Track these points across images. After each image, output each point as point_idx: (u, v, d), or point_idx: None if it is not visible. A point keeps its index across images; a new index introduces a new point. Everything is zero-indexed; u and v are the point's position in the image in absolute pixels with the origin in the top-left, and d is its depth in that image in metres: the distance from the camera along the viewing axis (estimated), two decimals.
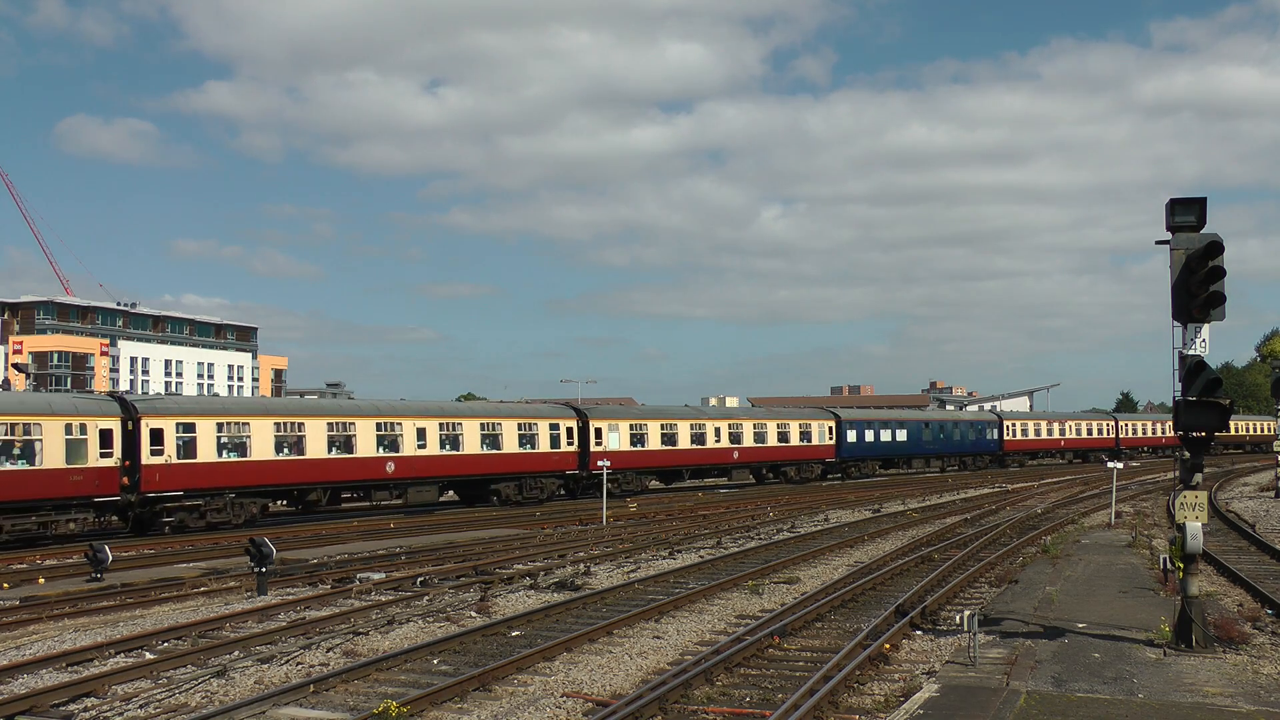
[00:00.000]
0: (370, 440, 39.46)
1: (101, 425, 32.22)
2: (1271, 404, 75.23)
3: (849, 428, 64.85)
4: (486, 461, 43.86)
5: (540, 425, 46.24)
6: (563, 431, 47.17)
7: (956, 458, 75.47)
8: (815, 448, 61.92)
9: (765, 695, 13.20)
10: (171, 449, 33.80)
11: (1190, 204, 14.65)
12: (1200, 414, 14.39)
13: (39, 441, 30.67)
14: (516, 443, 44.88)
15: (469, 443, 43.03)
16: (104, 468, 31.94)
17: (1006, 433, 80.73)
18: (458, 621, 18.30)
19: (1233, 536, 31.35)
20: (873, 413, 75.60)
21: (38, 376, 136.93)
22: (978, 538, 29.73)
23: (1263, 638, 15.87)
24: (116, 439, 32.53)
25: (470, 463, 43.17)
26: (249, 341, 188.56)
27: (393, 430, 40.36)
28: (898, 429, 69.63)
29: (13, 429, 30.36)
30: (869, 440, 66.66)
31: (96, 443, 31.87)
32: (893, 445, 69.00)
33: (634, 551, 28.21)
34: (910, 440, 70.50)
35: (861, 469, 66.61)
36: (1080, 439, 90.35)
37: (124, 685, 13.98)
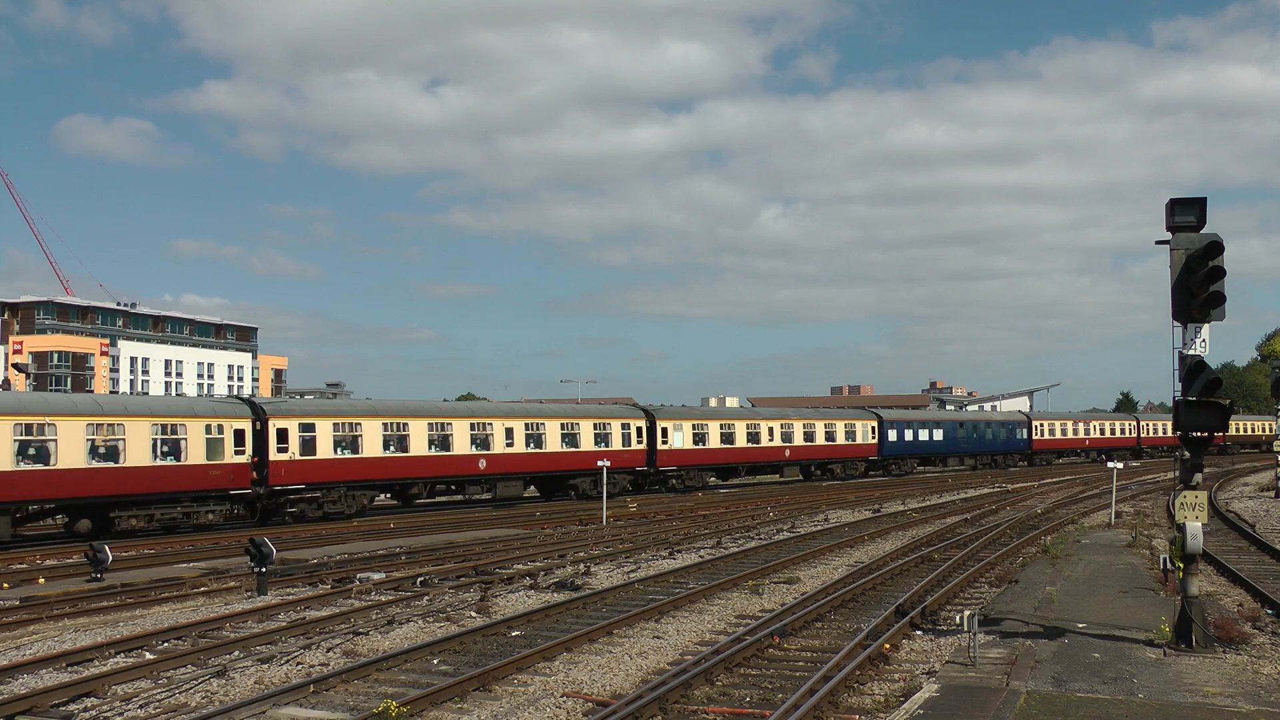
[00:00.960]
0: (465, 439, 42.76)
1: (236, 426, 35.56)
2: (1271, 404, 75.29)
3: (890, 428, 67.96)
4: (566, 459, 47.17)
5: (614, 425, 49.68)
6: (633, 431, 50.49)
7: (989, 456, 78.62)
8: (859, 446, 65.28)
9: (765, 695, 13.20)
10: (294, 447, 37.12)
11: (1190, 204, 14.65)
12: (1200, 414, 14.38)
13: (184, 440, 34.03)
14: (593, 441, 48.20)
15: (550, 441, 46.54)
16: (238, 464, 35.35)
17: (1035, 432, 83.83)
18: (458, 621, 18.29)
19: (1233, 536, 31.34)
20: (912, 414, 78.14)
21: (38, 376, 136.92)
22: (978, 538, 29.73)
23: (1263, 638, 15.87)
24: (248, 438, 35.78)
25: (551, 460, 46.70)
26: (249, 341, 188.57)
27: (484, 430, 43.70)
28: (935, 429, 73.00)
29: (164, 429, 33.67)
30: (909, 439, 69.84)
31: (231, 441, 35.17)
32: (930, 444, 72.30)
33: (634, 551, 28.21)
34: (946, 439, 73.72)
35: (901, 466, 69.30)
36: (1104, 438, 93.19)
37: (124, 685, 13.97)
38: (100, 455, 31.97)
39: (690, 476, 53.95)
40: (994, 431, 79.47)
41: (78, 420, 31.65)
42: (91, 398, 36.21)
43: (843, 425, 64.47)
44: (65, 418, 31.41)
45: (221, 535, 33.69)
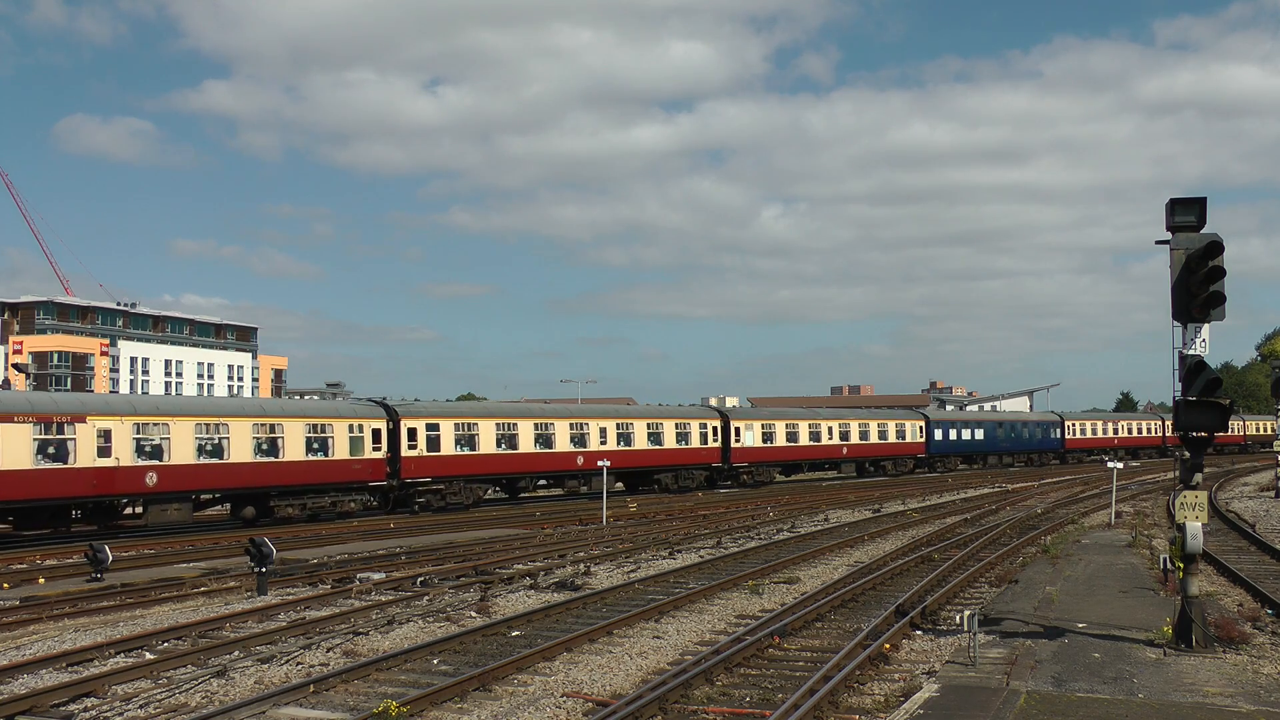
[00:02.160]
0: (565, 438, 47.20)
1: (373, 425, 39.76)
2: (1271, 404, 75.38)
3: (936, 427, 72.85)
4: (651, 455, 51.61)
5: (692, 425, 54.06)
6: (709, 430, 54.68)
7: (1025, 454, 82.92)
8: (909, 444, 70.10)
9: (765, 695, 13.20)
10: (422, 444, 41.13)
11: (1190, 204, 14.65)
12: (1200, 414, 14.38)
13: (331, 438, 38.29)
14: (674, 440, 52.72)
15: (638, 440, 50.94)
16: (376, 459, 39.70)
17: (1068, 432, 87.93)
18: (458, 621, 18.29)
19: (1233, 536, 31.34)
20: (956, 414, 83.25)
21: (38, 376, 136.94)
22: (978, 538, 29.72)
23: (1263, 638, 15.87)
24: (384, 436, 40.02)
25: (639, 457, 50.93)
26: (249, 341, 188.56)
27: (582, 430, 48.14)
28: (976, 429, 77.94)
29: (314, 428, 37.84)
30: (953, 439, 74.73)
31: (370, 439, 39.40)
32: (972, 443, 77.07)
33: (634, 551, 28.21)
34: (987, 438, 78.41)
35: (946, 463, 73.88)
36: (1132, 437, 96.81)
37: (124, 685, 13.97)
38: (263, 451, 36.24)
39: (759, 472, 57.96)
40: (1030, 431, 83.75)
41: (245, 420, 36.04)
42: (256, 401, 41.55)
43: (894, 425, 68.97)
44: (236, 418, 35.87)
45: (221, 535, 33.71)
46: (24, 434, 30.41)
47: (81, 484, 31.69)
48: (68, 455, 31.43)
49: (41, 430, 30.95)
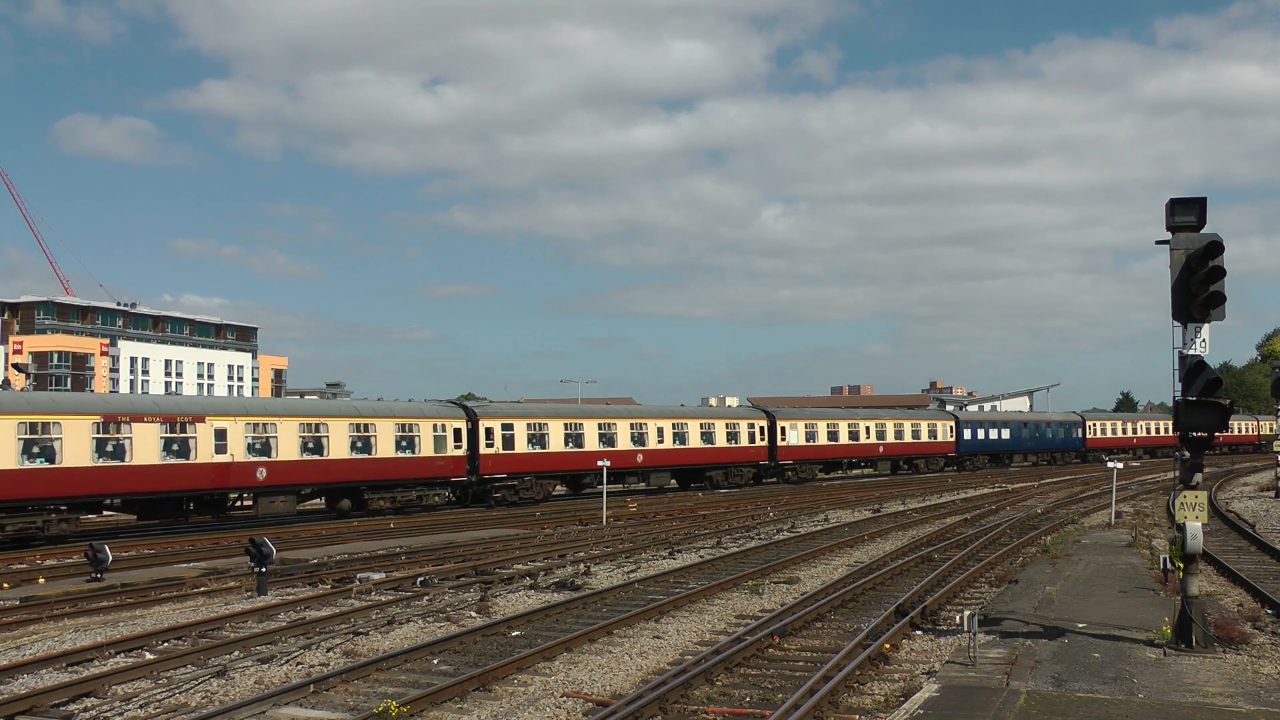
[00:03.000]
0: (626, 437, 50.22)
1: (455, 425, 42.78)
2: (1271, 404, 75.45)
3: (965, 427, 76.38)
4: (704, 454, 54.75)
5: (741, 425, 56.96)
6: (757, 430, 57.71)
7: (1048, 453, 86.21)
8: (940, 444, 73.63)
9: (765, 695, 13.20)
10: (499, 443, 44.22)
11: (1190, 204, 14.65)
12: (1200, 414, 14.38)
13: (418, 437, 41.30)
14: (725, 439, 55.71)
15: (692, 439, 53.97)
16: (457, 457, 42.73)
17: (1089, 431, 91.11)
18: (458, 621, 18.29)
19: (1233, 536, 31.34)
20: (985, 415, 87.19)
21: (38, 376, 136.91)
22: (978, 538, 29.72)
23: (1263, 638, 15.87)
24: (464, 435, 42.99)
25: (693, 455, 54.12)
26: (249, 341, 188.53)
27: (641, 430, 51.01)
28: (1003, 428, 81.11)
29: (403, 428, 40.88)
30: (981, 438, 78.12)
31: (452, 438, 42.42)
32: (999, 442, 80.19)
33: (634, 551, 28.21)
34: (1013, 438, 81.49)
35: (974, 462, 77.00)
36: (1150, 436, 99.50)
37: (124, 685, 13.97)
38: (358, 449, 39.35)
39: (803, 469, 61.65)
40: (1053, 431, 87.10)
41: (342, 420, 39.27)
42: (351, 403, 44.98)
43: (926, 425, 72.80)
44: (334, 418, 39.25)
45: (221, 535, 33.74)
46: (154, 433, 33.69)
47: (202, 478, 34.96)
48: (189, 452, 34.62)
49: (167, 429, 34.12)
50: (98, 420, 32.71)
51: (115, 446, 32.89)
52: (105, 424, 32.79)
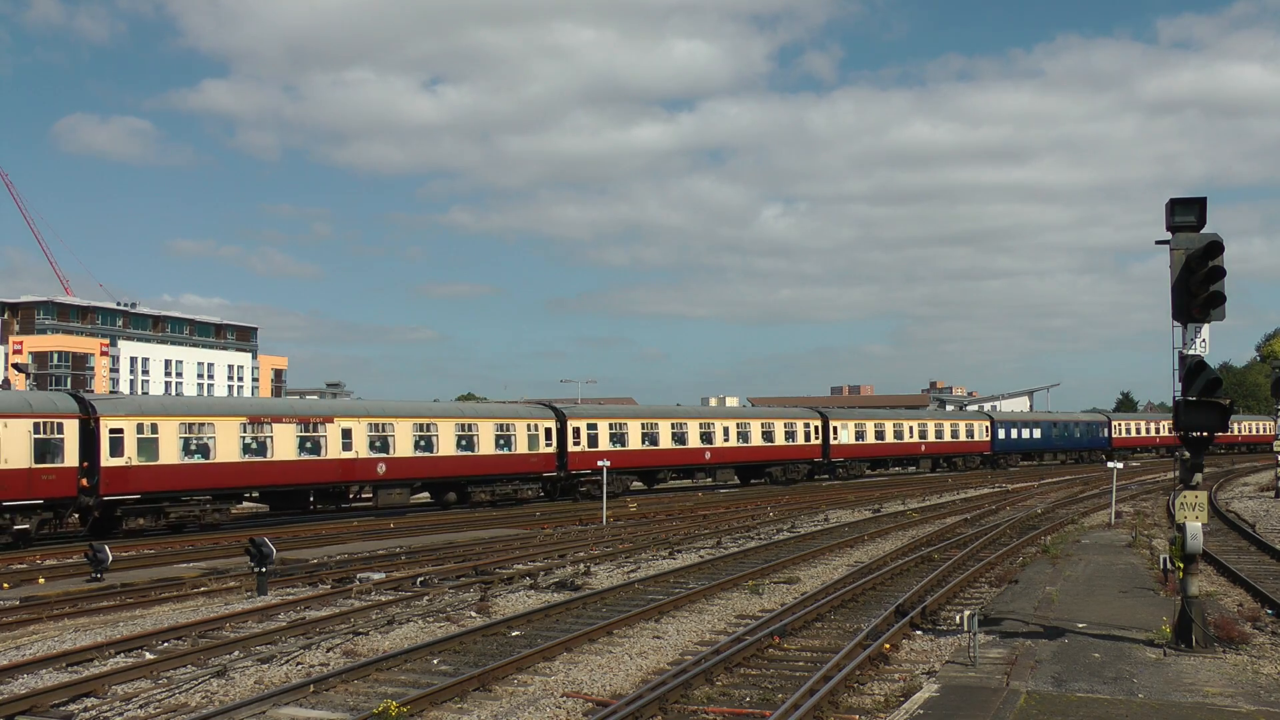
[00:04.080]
0: (696, 435, 54.31)
1: (545, 425, 46.65)
2: (1271, 404, 75.55)
3: (1000, 427, 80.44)
4: (765, 452, 58.81)
5: (798, 425, 61.06)
6: (811, 429, 61.77)
7: (1076, 451, 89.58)
8: (976, 443, 77.78)
9: (765, 695, 13.20)
10: (584, 441, 48.18)
11: (1190, 204, 14.66)
12: (1200, 414, 14.39)
13: (514, 436, 45.25)
14: (783, 437, 59.76)
15: (754, 437, 57.84)
16: (547, 454, 46.57)
17: (1115, 431, 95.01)
18: (458, 621, 18.29)
19: (1233, 536, 31.34)
20: (1018, 415, 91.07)
21: (38, 376, 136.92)
22: (978, 538, 29.72)
23: (1263, 638, 15.87)
24: (554, 434, 46.84)
25: (754, 453, 58.13)
26: (249, 341, 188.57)
27: (709, 429, 55.08)
28: (1034, 428, 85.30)
29: (501, 428, 44.78)
30: (1014, 437, 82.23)
31: (543, 437, 46.36)
32: (1031, 441, 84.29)
33: (634, 551, 28.21)
34: (1043, 437, 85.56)
35: (1009, 460, 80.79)
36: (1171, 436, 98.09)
37: (124, 685, 13.98)
38: (462, 446, 43.16)
39: (852, 467, 65.65)
40: (1081, 430, 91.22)
41: (450, 420, 43.03)
42: (457, 405, 50.13)
43: (964, 425, 77.48)
44: (442, 419, 42.90)
45: (221, 535, 33.76)
46: (290, 432, 37.61)
47: (330, 472, 38.77)
48: (320, 449, 38.46)
49: (302, 429, 38.03)
50: (244, 421, 36.62)
51: (258, 444, 36.76)
52: (250, 424, 36.66)
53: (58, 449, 31.48)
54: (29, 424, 30.92)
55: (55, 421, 31.69)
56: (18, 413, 30.84)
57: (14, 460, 30.20)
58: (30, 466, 30.63)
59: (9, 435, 30.15)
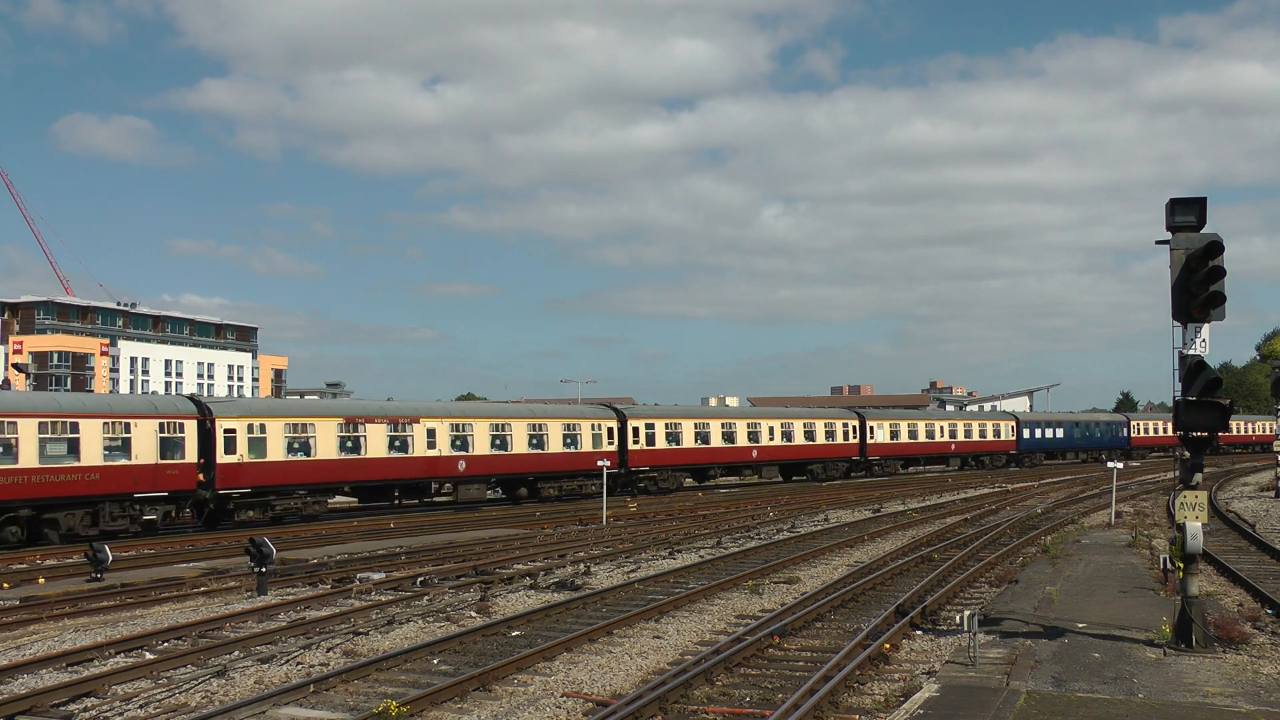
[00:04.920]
0: (744, 435, 57.76)
1: (608, 425, 50.13)
2: (1271, 404, 75.61)
3: (1025, 427, 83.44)
4: (807, 450, 62.48)
5: (837, 425, 64.71)
6: (850, 429, 65.32)
7: (1097, 451, 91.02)
8: (1003, 442, 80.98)
9: (765, 695, 13.20)
10: (643, 440, 51.57)
11: (1190, 204, 14.66)
12: (1200, 414, 14.39)
13: (580, 435, 48.41)
14: (824, 436, 63.60)
15: (797, 437, 61.54)
16: (610, 452, 49.18)
17: (1134, 431, 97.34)
18: (458, 621, 18.29)
19: (1233, 536, 31.34)
20: (1042, 415, 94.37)
21: (38, 376, 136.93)
22: (978, 538, 29.72)
23: (1263, 638, 15.88)
24: (616, 434, 50.14)
25: (798, 451, 61.86)
26: (249, 341, 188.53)
27: (755, 429, 58.48)
28: (1057, 428, 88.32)
29: (568, 428, 48.06)
30: (1039, 437, 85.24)
31: (606, 436, 49.63)
32: (1054, 440, 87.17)
33: (634, 551, 28.20)
34: (1066, 437, 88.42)
35: (1033, 459, 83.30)
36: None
37: (124, 685, 13.98)
38: (533, 445, 46.39)
39: (888, 465, 68.87)
40: (1101, 430, 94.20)
41: (522, 421, 46.39)
42: (529, 406, 54.18)
43: (991, 425, 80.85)
44: (516, 419, 46.27)
45: (221, 535, 33.76)
46: (381, 432, 40.61)
47: (416, 469, 41.97)
48: (408, 447, 41.46)
49: (391, 429, 40.97)
50: (341, 421, 39.70)
51: (353, 443, 39.78)
52: (346, 424, 39.71)
53: (179, 447, 34.51)
54: (155, 424, 34.00)
55: (177, 422, 34.71)
56: (146, 414, 34.12)
57: (142, 457, 33.43)
58: (156, 462, 33.79)
59: (139, 434, 33.37)
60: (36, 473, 31.14)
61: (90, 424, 32.53)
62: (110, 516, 32.70)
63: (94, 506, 32.45)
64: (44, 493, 31.33)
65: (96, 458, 32.34)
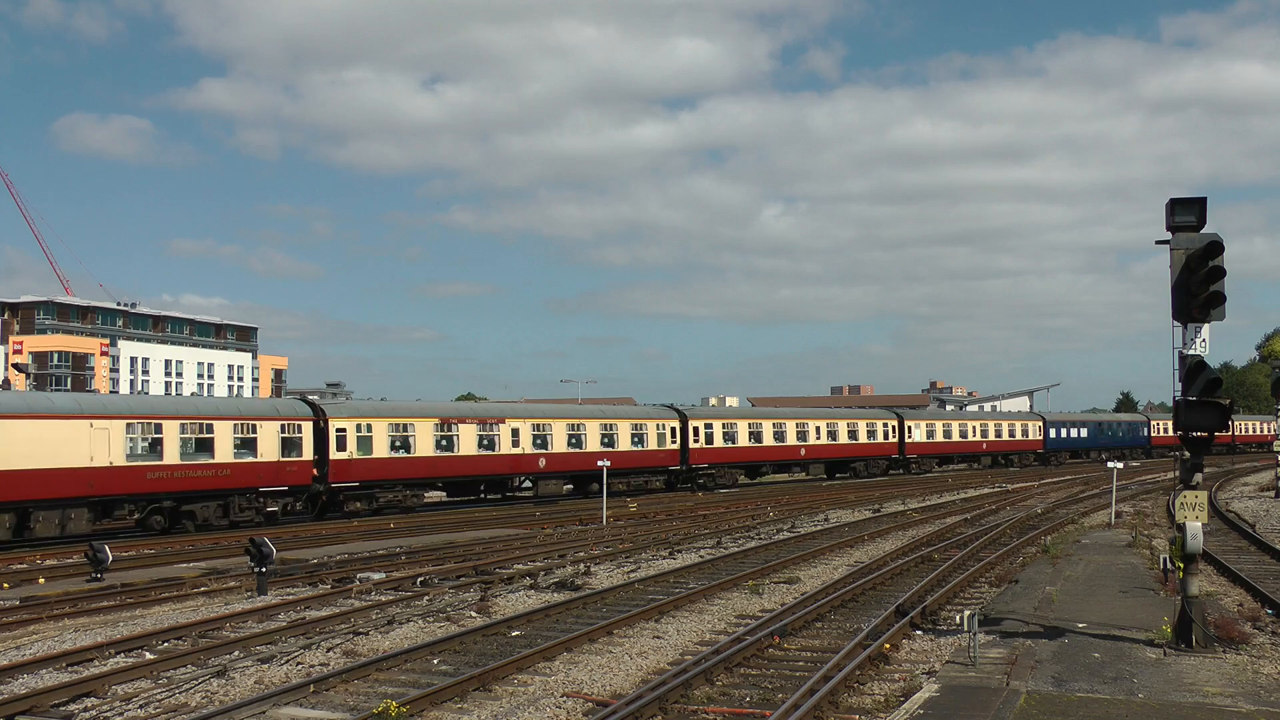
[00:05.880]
0: (793, 435, 61.76)
1: (671, 425, 53.81)
2: (1271, 404, 75.68)
3: (1052, 427, 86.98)
4: (850, 449, 66.30)
5: (878, 424, 68.68)
6: (889, 428, 69.45)
7: (1118, 450, 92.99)
8: (1030, 441, 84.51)
9: (765, 695, 13.20)
10: (702, 439, 55.33)
11: (1190, 204, 14.66)
12: (1200, 414, 14.39)
13: (645, 434, 52.55)
14: (865, 436, 67.24)
15: (841, 436, 65.37)
16: (672, 450, 54.05)
17: (1154, 431, 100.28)
18: (458, 621, 18.29)
19: (1233, 536, 31.34)
20: (1068, 416, 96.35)
21: (38, 376, 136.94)
22: (978, 538, 29.73)
23: (1263, 638, 15.87)
24: (678, 434, 54.30)
25: (842, 449, 65.65)
26: (249, 341, 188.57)
27: (803, 428, 62.63)
28: (1082, 428, 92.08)
29: (635, 427, 52.17)
30: (1064, 436, 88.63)
31: (669, 436, 53.66)
32: (1079, 440, 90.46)
33: (634, 551, 28.21)
34: (1090, 436, 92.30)
35: (1058, 458, 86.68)
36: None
37: (124, 685, 13.98)
38: (604, 443, 49.85)
39: (924, 463, 72.75)
40: (1123, 430, 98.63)
41: (595, 421, 50.34)
42: (600, 408, 55.73)
43: (1020, 425, 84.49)
44: (589, 420, 50.35)
45: (221, 535, 33.78)
46: (472, 431, 44.51)
47: (502, 465, 46.01)
48: (495, 445, 45.39)
49: (480, 428, 44.89)
50: (437, 421, 43.18)
51: (447, 441, 43.40)
52: (442, 424, 43.21)
53: (298, 445, 38.12)
54: (277, 425, 37.61)
55: (296, 423, 38.26)
56: (269, 416, 37.84)
57: (267, 454, 37.03)
58: (279, 460, 37.42)
59: (264, 435, 37.00)
60: (178, 468, 34.79)
61: (223, 425, 36.07)
62: (239, 508, 36.07)
63: (225, 499, 35.84)
64: (184, 486, 34.96)
65: (228, 455, 35.97)
